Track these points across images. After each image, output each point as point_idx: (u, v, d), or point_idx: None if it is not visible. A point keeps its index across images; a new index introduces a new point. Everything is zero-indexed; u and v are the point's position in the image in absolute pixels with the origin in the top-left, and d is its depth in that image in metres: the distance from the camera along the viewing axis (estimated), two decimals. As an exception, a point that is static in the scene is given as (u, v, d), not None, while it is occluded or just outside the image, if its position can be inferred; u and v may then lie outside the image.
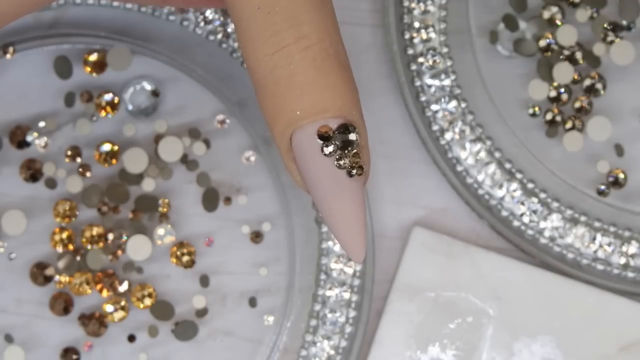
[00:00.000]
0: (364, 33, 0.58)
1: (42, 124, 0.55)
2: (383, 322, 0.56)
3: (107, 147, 0.55)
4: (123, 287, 0.55)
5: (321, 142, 0.34)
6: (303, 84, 0.33)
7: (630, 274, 0.56)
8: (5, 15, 0.35)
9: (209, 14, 0.56)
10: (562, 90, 0.56)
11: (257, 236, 0.56)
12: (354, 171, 0.34)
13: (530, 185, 0.57)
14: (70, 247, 0.55)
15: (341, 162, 0.34)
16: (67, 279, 0.54)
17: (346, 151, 0.34)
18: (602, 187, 0.57)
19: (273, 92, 0.34)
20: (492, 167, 0.57)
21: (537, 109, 0.57)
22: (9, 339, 0.55)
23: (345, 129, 0.34)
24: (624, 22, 0.56)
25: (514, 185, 0.57)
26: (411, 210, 0.58)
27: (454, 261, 0.56)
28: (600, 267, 0.57)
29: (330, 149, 0.34)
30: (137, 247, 0.55)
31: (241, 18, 0.34)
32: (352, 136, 0.34)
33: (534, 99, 0.56)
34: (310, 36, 0.33)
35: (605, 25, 0.56)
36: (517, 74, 0.57)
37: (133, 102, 0.56)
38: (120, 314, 0.55)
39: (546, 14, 0.56)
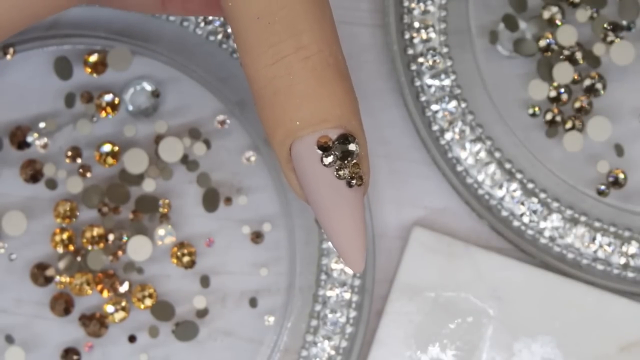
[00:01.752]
0: (364, 33, 0.58)
1: (42, 124, 0.54)
2: (383, 322, 0.56)
3: (107, 147, 0.55)
4: (123, 288, 0.55)
5: (321, 152, 0.34)
6: (303, 94, 0.33)
7: (630, 274, 0.57)
8: (4, 29, 0.35)
9: (209, 14, 0.55)
10: (562, 90, 0.56)
11: (257, 236, 0.56)
12: (354, 181, 0.34)
13: (530, 185, 0.57)
14: (71, 247, 0.55)
15: (341, 173, 0.34)
16: (68, 279, 0.55)
17: (346, 161, 0.34)
18: (602, 187, 0.57)
19: (272, 102, 0.34)
20: (492, 167, 0.57)
21: (537, 109, 0.57)
22: (9, 339, 0.55)
23: (344, 139, 0.34)
24: (624, 22, 0.56)
25: (514, 185, 0.57)
26: (411, 210, 0.58)
27: (454, 261, 0.56)
28: (600, 267, 0.57)
29: (330, 159, 0.34)
30: (137, 248, 0.55)
31: (240, 28, 0.34)
32: (352, 146, 0.34)
33: (534, 99, 0.56)
34: (310, 46, 0.33)
35: (605, 25, 0.56)
36: (517, 74, 0.57)
37: (133, 103, 0.56)
38: (120, 314, 0.55)
39: (546, 14, 0.56)
